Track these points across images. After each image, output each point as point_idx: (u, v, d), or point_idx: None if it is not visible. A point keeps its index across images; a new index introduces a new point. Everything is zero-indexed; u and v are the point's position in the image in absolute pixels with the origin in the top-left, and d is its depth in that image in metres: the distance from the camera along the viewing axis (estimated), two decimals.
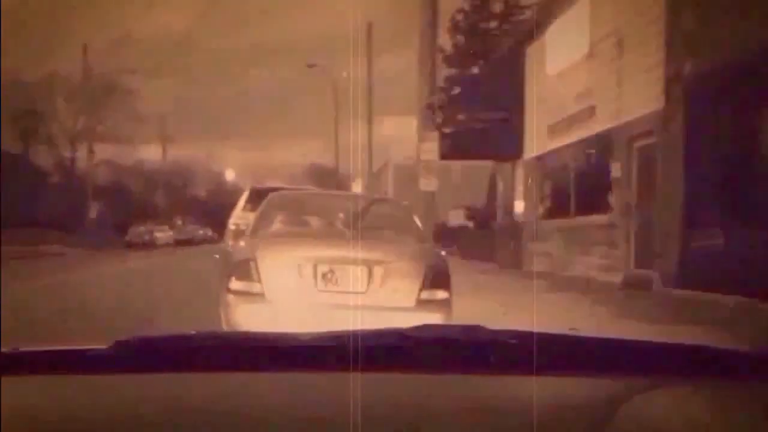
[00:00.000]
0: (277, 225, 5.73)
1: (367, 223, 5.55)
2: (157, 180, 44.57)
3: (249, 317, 4.63)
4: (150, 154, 43.52)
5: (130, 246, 32.04)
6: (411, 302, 4.79)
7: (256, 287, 4.78)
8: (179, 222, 45.06)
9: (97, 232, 31.72)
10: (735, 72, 8.00)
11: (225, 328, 4.66)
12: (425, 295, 4.86)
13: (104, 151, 37.44)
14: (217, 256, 8.11)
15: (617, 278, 10.53)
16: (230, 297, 4.84)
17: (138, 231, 35.04)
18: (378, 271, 4.81)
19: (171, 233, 38.98)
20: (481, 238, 18.92)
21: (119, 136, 37.56)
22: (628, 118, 10.59)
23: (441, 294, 4.94)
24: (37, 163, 36.75)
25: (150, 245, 33.11)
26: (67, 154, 38.52)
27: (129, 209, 37.52)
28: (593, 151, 12.09)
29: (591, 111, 11.93)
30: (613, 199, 11.25)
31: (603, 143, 11.54)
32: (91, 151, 34.70)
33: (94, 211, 33.86)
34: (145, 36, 52.47)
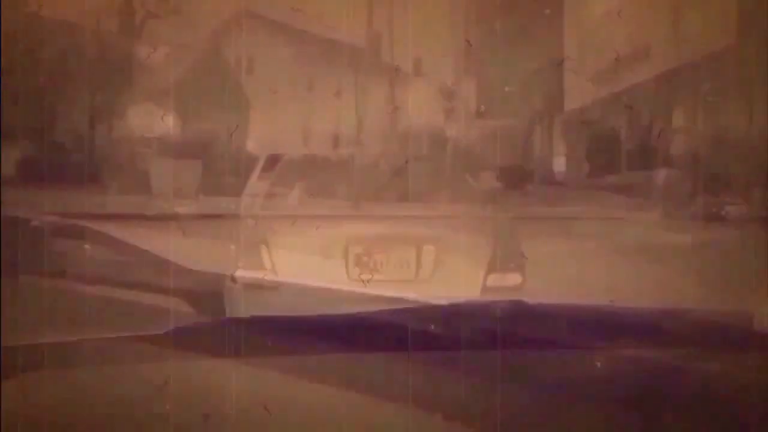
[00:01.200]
0: (294, 196, 4.85)
1: (407, 189, 4.63)
2: None
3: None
4: None
5: None
6: (475, 291, 3.80)
7: (268, 277, 3.80)
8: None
9: None
10: None
11: None
12: (493, 280, 3.87)
13: None
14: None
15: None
16: (235, 288, 3.89)
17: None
18: (429, 251, 3.85)
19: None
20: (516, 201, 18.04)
21: None
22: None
23: (513, 278, 3.92)
24: None
25: None
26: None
27: None
28: (646, 96, 11.00)
29: (644, 51, 10.78)
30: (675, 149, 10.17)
31: (662, 88, 10.40)
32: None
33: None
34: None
